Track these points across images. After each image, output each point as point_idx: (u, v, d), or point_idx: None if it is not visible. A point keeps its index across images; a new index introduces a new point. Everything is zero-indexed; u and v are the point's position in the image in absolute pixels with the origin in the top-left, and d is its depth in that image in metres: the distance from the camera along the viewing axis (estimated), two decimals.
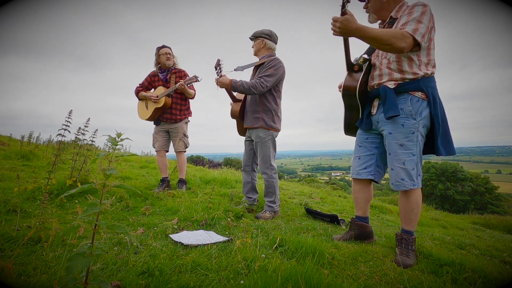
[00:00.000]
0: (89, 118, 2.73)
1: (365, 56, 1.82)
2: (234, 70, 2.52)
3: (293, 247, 1.61)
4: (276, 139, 2.61)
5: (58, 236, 1.46)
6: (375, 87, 1.75)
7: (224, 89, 2.53)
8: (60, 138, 2.57)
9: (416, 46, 1.53)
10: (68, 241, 1.47)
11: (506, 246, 2.62)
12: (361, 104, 1.80)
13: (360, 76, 1.74)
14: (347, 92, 1.78)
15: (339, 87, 1.90)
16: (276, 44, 2.62)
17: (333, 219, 2.59)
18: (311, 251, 1.55)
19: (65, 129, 2.54)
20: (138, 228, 1.89)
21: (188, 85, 3.05)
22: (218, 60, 2.44)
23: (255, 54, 2.64)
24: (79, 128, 2.75)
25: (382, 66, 1.70)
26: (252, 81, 2.40)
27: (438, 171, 28.38)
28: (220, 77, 2.42)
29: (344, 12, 1.47)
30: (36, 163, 4.03)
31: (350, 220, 1.99)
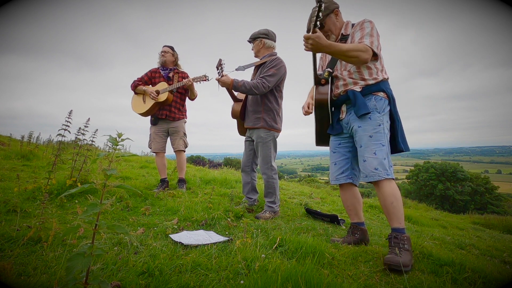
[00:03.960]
0: (89, 118, 2.73)
1: (329, 69, 1.95)
2: (236, 70, 2.52)
3: (293, 247, 1.61)
4: (277, 139, 2.61)
5: (58, 236, 1.46)
6: (341, 94, 1.88)
7: (225, 89, 2.53)
8: (60, 138, 2.58)
9: (373, 56, 1.71)
10: (68, 241, 1.47)
11: (506, 246, 2.62)
12: (331, 113, 1.92)
13: (328, 88, 1.89)
14: (319, 105, 1.91)
15: (303, 108, 2.02)
16: (275, 42, 2.62)
17: (333, 219, 2.59)
18: (311, 251, 1.55)
19: (65, 129, 2.54)
20: (138, 228, 1.89)
21: (196, 83, 3.05)
22: (220, 60, 2.45)
23: (256, 56, 2.64)
24: (79, 128, 2.75)
25: (344, 76, 1.86)
26: (254, 81, 2.39)
27: (438, 171, 28.38)
28: (221, 76, 2.42)
29: (314, 31, 1.60)
30: (36, 163, 4.03)
31: (352, 225, 1.97)
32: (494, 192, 26.81)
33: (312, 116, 2.01)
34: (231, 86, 2.40)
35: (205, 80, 3.00)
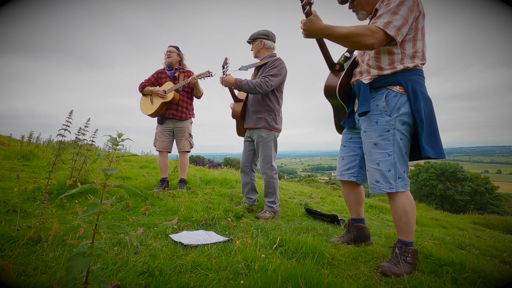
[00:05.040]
0: (89, 118, 2.73)
1: (346, 54, 1.75)
2: (239, 69, 2.54)
3: (293, 247, 1.61)
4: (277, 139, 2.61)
5: (58, 236, 1.46)
6: (354, 83, 1.68)
7: (227, 89, 2.54)
8: (60, 138, 2.58)
9: (393, 40, 1.42)
10: (68, 241, 1.47)
11: (506, 246, 2.62)
12: (345, 103, 1.74)
13: (340, 75, 1.68)
14: (328, 92, 1.73)
15: None
16: (274, 42, 2.63)
17: (333, 219, 2.59)
18: (311, 251, 1.55)
19: (65, 129, 2.54)
20: (138, 228, 1.89)
21: (201, 79, 3.05)
22: (226, 59, 2.45)
23: (256, 56, 2.65)
24: (79, 128, 2.75)
25: (363, 63, 1.62)
26: (257, 80, 2.40)
27: (438, 171, 28.37)
28: (225, 76, 2.42)
29: (307, 14, 1.40)
30: (36, 163, 4.02)
31: (349, 222, 1.94)
32: (494, 192, 26.81)
33: (312, 117, 1.96)
34: (234, 85, 2.40)
35: (208, 76, 3.00)
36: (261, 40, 2.57)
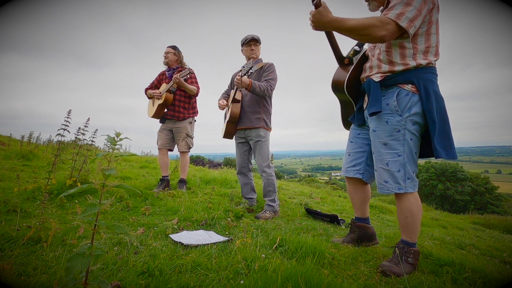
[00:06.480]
0: (88, 118, 2.73)
1: (356, 47, 1.71)
2: (246, 72, 2.61)
3: (293, 247, 1.61)
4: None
5: (58, 236, 1.46)
6: (364, 80, 1.63)
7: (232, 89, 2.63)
8: (59, 138, 2.58)
9: (405, 33, 1.37)
10: (68, 241, 1.47)
11: (506, 246, 2.62)
12: (353, 98, 1.70)
13: (350, 69, 1.64)
14: (336, 86, 1.70)
15: None
16: None
17: (333, 219, 2.59)
18: (311, 251, 1.55)
19: (64, 129, 2.54)
20: (138, 228, 1.89)
21: (184, 78, 3.05)
22: (251, 60, 2.56)
23: (255, 58, 2.72)
24: (79, 128, 2.75)
25: (373, 57, 1.57)
26: (265, 84, 2.52)
27: (438, 171, 28.36)
28: (244, 77, 2.47)
29: (317, 5, 1.36)
30: (36, 163, 4.02)
31: (352, 221, 1.91)
32: (494, 192, 26.79)
33: (312, 117, 1.94)
34: (249, 87, 2.45)
35: (188, 73, 3.05)
36: (260, 45, 2.73)
